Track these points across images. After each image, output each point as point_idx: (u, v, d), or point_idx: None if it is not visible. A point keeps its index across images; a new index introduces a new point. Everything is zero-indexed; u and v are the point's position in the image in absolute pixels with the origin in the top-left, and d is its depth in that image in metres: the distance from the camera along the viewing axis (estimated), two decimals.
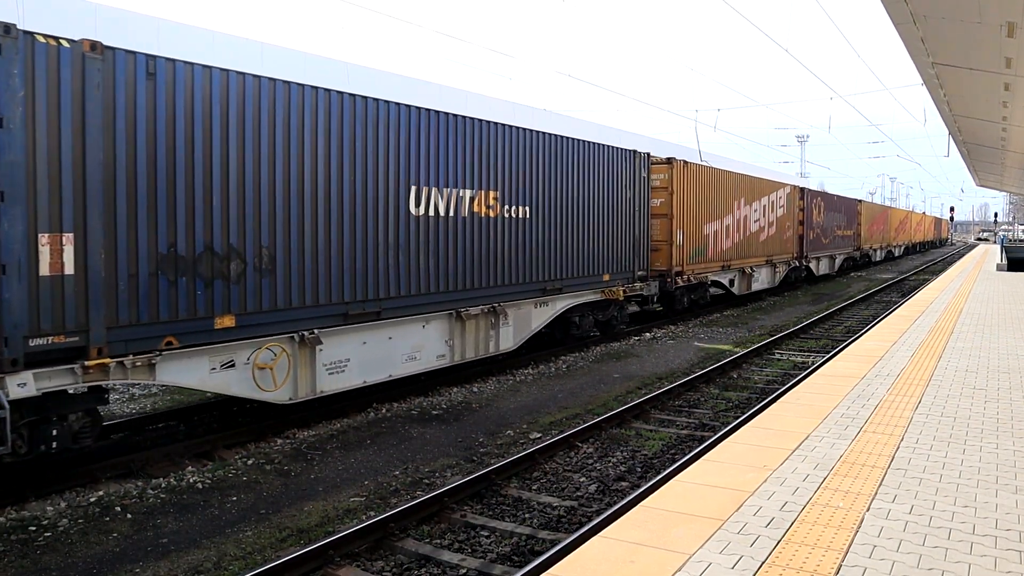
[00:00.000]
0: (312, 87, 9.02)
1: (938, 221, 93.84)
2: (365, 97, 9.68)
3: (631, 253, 16.05)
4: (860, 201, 39.15)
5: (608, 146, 15.30)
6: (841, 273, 36.30)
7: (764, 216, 24.42)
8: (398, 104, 10.14)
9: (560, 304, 13.83)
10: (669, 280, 17.95)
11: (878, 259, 46.59)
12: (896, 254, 54.03)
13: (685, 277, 18.65)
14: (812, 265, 30.17)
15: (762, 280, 24.53)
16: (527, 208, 12.72)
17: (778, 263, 25.96)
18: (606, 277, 15.14)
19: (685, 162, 18.93)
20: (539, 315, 13.33)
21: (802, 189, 29.24)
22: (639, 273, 16.39)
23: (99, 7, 17.51)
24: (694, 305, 20.31)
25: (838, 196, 35.68)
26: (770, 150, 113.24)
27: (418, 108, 10.42)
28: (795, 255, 27.91)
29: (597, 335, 16.06)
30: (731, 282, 21.98)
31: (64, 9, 16.49)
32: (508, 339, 12.48)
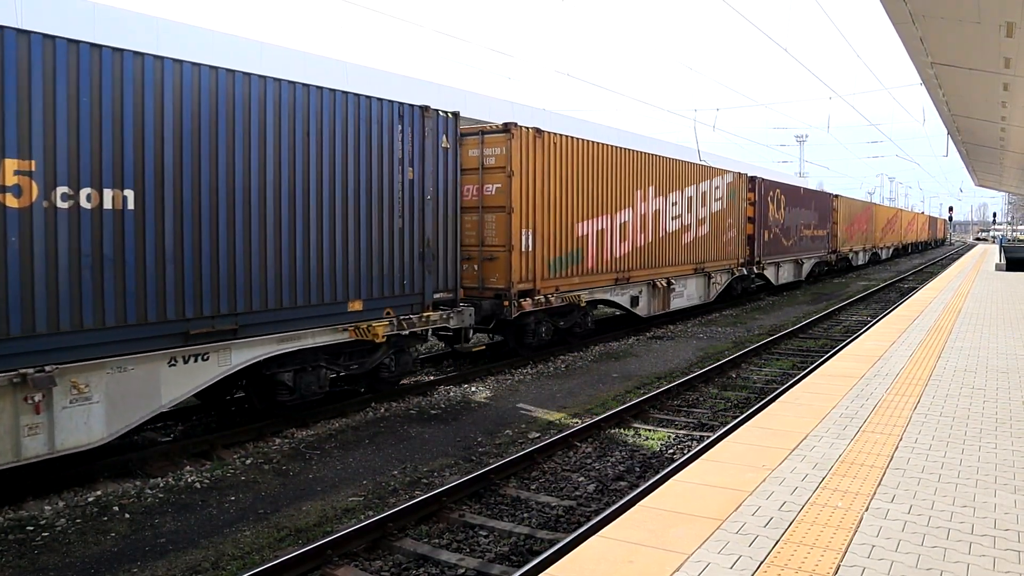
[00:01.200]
0: None
1: (933, 220, 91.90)
2: None
3: (419, 266, 10.57)
4: (836, 196, 34.51)
5: (351, 94, 9.49)
6: (814, 280, 31.94)
7: (691, 211, 18.92)
8: None
9: (242, 357, 8.35)
10: (507, 304, 12.43)
11: (860, 263, 41.45)
12: (883, 256, 50.36)
13: (540, 298, 13.14)
14: (769, 272, 24.90)
15: (689, 294, 19.14)
16: (128, 192, 7.23)
17: (715, 271, 20.47)
18: (355, 306, 9.62)
19: (537, 131, 12.97)
20: (184, 378, 7.79)
21: (752, 178, 23.43)
22: (439, 296, 10.99)
23: (98, 7, 17.49)
24: (567, 335, 14.80)
25: (806, 189, 31.37)
26: (769, 150, 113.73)
27: None
28: (742, 260, 22.54)
29: (363, 391, 10.82)
30: (634, 300, 16.35)
31: (64, 9, 16.47)
32: (90, 426, 6.96)
